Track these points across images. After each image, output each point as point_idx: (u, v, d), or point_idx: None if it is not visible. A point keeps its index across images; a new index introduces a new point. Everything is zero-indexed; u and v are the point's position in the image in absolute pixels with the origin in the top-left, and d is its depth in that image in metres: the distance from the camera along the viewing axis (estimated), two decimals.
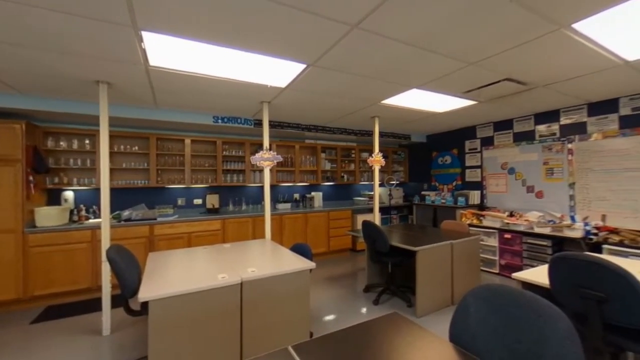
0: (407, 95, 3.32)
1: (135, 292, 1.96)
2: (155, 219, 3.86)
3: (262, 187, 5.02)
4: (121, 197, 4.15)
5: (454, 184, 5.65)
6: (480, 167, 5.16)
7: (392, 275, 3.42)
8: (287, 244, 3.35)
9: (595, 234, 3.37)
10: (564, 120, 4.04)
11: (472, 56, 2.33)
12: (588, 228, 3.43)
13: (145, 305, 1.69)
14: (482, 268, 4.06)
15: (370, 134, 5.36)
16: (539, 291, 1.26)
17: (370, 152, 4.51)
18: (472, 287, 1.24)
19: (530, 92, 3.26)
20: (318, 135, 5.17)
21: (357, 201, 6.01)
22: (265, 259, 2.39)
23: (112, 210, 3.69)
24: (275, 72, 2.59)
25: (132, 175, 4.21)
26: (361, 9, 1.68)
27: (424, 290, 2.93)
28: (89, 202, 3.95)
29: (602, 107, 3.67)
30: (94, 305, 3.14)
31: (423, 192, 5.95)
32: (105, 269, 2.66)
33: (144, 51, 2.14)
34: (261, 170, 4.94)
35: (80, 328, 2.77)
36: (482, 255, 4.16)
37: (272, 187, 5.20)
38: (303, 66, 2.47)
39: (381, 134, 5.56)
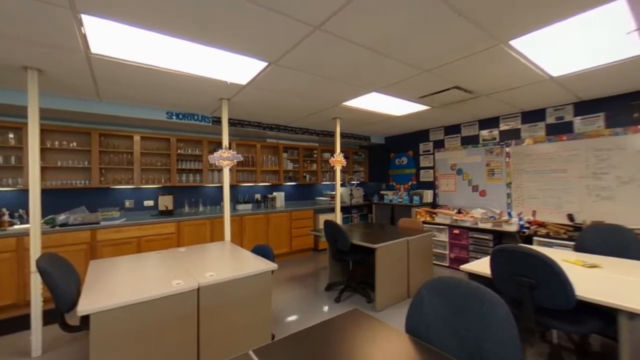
0: (367, 98, 3.43)
1: (72, 305, 1.75)
2: (98, 223, 3.49)
3: (221, 188, 4.82)
4: (56, 200, 3.68)
5: (410, 183, 5.99)
6: (433, 168, 5.54)
7: (353, 272, 3.51)
8: (248, 246, 3.26)
9: (527, 228, 3.82)
10: (502, 127, 4.51)
11: (426, 64, 2.49)
12: (522, 223, 3.87)
13: (85, 319, 1.52)
14: (434, 262, 4.36)
15: (332, 134, 5.45)
16: (482, 281, 1.39)
17: (332, 152, 4.58)
18: (425, 280, 1.32)
19: (475, 100, 3.58)
20: (280, 134, 5.12)
21: (319, 201, 6.06)
22: (224, 262, 2.30)
23: (44, 214, 3.26)
24: (235, 68, 2.50)
25: (70, 174, 3.75)
26: (324, 10, 1.70)
27: (383, 285, 3.06)
28: (14, 205, 3.44)
29: (532, 116, 4.17)
30: (22, 323, 2.74)
31: (382, 192, 6.21)
32: (36, 281, 2.34)
33: (84, 37, 1.93)
34: (220, 170, 4.75)
35: (5, 350, 2.40)
36: (434, 250, 4.47)
37: (232, 187, 5.02)
38: (264, 64, 2.42)
39: (342, 135, 5.69)
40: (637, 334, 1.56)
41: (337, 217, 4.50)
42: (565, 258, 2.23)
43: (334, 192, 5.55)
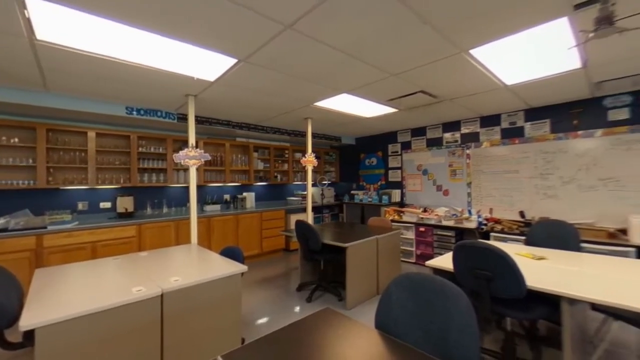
0: (338, 99, 3.48)
1: (13, 319, 1.57)
2: (45, 228, 3.16)
3: (187, 188, 4.61)
4: None
5: (379, 183, 6.17)
6: (400, 168, 5.75)
7: (325, 272, 3.54)
8: (217, 248, 3.14)
9: (485, 224, 4.11)
10: (463, 130, 4.81)
11: (394, 68, 2.58)
12: (480, 220, 4.16)
13: (29, 334, 1.37)
14: (402, 259, 4.53)
15: (303, 134, 5.45)
16: (446, 275, 1.47)
17: (304, 152, 4.58)
18: (394, 277, 1.37)
19: (439, 104, 3.78)
20: (250, 133, 5.01)
21: (290, 201, 6.03)
22: (191, 266, 2.20)
23: None
24: (203, 64, 2.40)
25: (11, 174, 3.36)
26: (295, 10, 1.69)
27: (353, 283, 3.11)
28: None
29: (490, 121, 4.49)
30: None
31: (352, 192, 6.32)
32: None
33: (28, 21, 1.74)
34: (186, 170, 4.53)
35: None
36: (402, 247, 4.64)
37: (199, 187, 4.82)
38: (234, 61, 2.36)
39: (314, 135, 5.70)
40: (577, 318, 1.75)
41: (309, 217, 4.51)
42: (517, 252, 2.43)
43: (305, 192, 5.55)
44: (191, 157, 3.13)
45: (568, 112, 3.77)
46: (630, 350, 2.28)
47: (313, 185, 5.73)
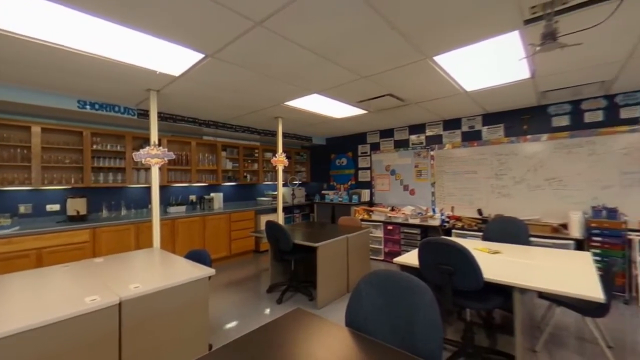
0: (309, 99, 3.48)
1: None
2: None
3: (149, 188, 4.34)
4: None
5: (349, 183, 6.28)
6: (369, 168, 5.90)
7: (295, 272, 3.52)
8: (182, 252, 3.00)
9: (448, 222, 4.35)
10: (428, 132, 5.06)
11: (364, 70, 2.64)
12: (443, 217, 4.40)
13: None
14: (371, 257, 4.65)
15: (274, 134, 5.38)
16: (412, 271, 1.54)
17: (274, 152, 4.52)
18: (363, 274, 1.40)
19: (406, 107, 3.93)
20: (218, 132, 4.84)
21: (260, 201, 5.92)
22: (153, 271, 2.07)
23: None
24: (167, 57, 2.28)
25: None
26: (266, 7, 1.66)
27: (324, 282, 3.14)
28: None
29: (452, 124, 4.77)
30: None
31: (323, 192, 6.37)
32: None
33: None
34: (148, 169, 4.26)
35: None
36: (371, 245, 4.78)
37: (163, 188, 4.56)
38: (201, 56, 2.26)
39: (285, 135, 5.66)
40: (526, 305, 1.92)
41: (279, 218, 4.46)
42: (475, 247, 2.60)
43: (276, 192, 5.48)
44: (153, 156, 2.95)
45: (519, 117, 4.13)
46: (570, 332, 2.55)
47: (284, 185, 5.68)
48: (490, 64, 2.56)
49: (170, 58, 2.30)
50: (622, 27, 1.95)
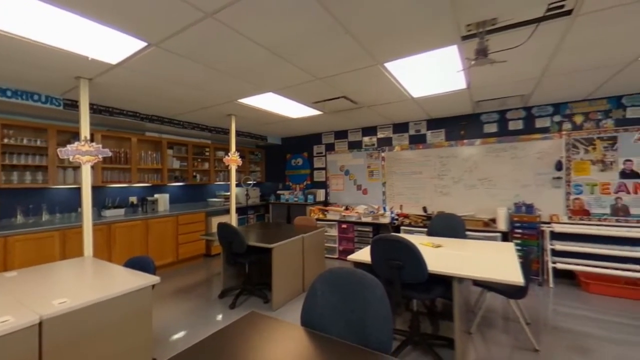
0: (264, 98, 3.41)
1: None
2: None
3: (78, 190, 3.83)
4: None
5: (305, 183, 6.31)
6: (324, 169, 6.00)
7: (250, 275, 3.42)
8: (121, 260, 2.71)
9: (397, 219, 4.64)
10: (379, 135, 5.33)
11: (319, 72, 2.68)
12: (393, 215, 4.67)
13: None
14: (326, 255, 4.73)
15: (226, 132, 5.15)
16: (365, 267, 1.60)
17: (227, 151, 4.33)
18: (319, 273, 1.42)
19: (359, 110, 4.09)
20: (163, 128, 4.47)
21: (211, 202, 5.63)
22: (83, 283, 1.83)
23: None
24: (103, 43, 2.03)
25: None
26: None
27: (279, 283, 3.10)
28: None
29: (400, 128, 5.09)
30: None
31: (278, 192, 6.29)
32: None
33: None
34: (77, 168, 3.76)
35: None
36: (326, 244, 4.86)
37: (97, 188, 4.07)
38: (143, 44, 2.06)
39: (238, 134, 5.46)
40: (463, 293, 2.13)
41: (232, 219, 4.29)
42: (421, 242, 2.81)
43: (228, 193, 5.26)
44: (84, 153, 2.61)
45: (458, 124, 4.57)
46: (497, 314, 2.91)
47: (237, 185, 5.49)
48: (434, 73, 2.79)
49: (107, 44, 2.05)
50: (537, 49, 2.28)
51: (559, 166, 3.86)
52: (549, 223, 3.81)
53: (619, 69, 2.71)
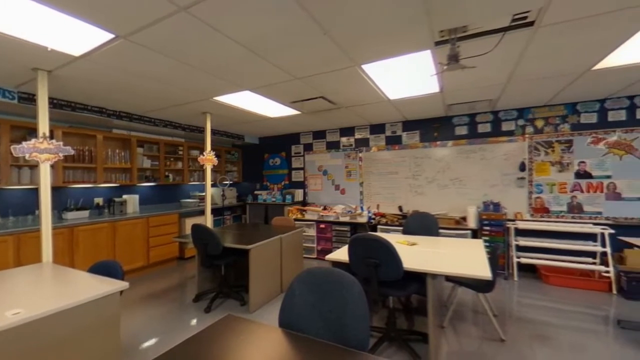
0: (241, 96, 3.34)
1: None
2: None
3: (36, 190, 3.54)
4: None
5: (283, 183, 6.26)
6: (303, 169, 5.99)
7: (226, 277, 3.34)
8: (85, 265, 2.54)
9: (374, 219, 4.73)
10: (357, 135, 5.40)
11: (297, 72, 2.67)
12: (370, 215, 4.76)
13: None
14: (304, 255, 4.72)
15: (201, 130, 4.99)
16: (343, 267, 1.62)
17: (202, 150, 4.20)
18: (297, 273, 1.41)
19: (338, 110, 4.12)
20: (133, 125, 4.24)
21: (185, 203, 5.43)
22: (42, 292, 1.70)
23: None
24: (64, 32, 1.89)
25: None
26: None
27: (257, 285, 3.05)
28: None
29: (377, 129, 5.20)
30: None
31: (256, 192, 6.19)
32: None
33: None
34: (34, 167, 3.47)
35: None
36: (304, 244, 4.84)
37: (57, 189, 3.78)
38: (110, 36, 1.95)
39: (214, 132, 5.31)
40: (436, 289, 2.21)
41: (208, 220, 4.17)
42: (397, 240, 2.89)
43: (203, 193, 5.10)
44: (42, 151, 2.42)
45: (431, 125, 4.74)
46: (468, 308, 3.05)
47: (213, 185, 5.33)
48: (409, 76, 2.87)
49: (69, 34, 1.91)
50: (503, 57, 2.42)
51: (522, 167, 4.12)
52: (513, 220, 4.06)
53: (574, 77, 2.94)
